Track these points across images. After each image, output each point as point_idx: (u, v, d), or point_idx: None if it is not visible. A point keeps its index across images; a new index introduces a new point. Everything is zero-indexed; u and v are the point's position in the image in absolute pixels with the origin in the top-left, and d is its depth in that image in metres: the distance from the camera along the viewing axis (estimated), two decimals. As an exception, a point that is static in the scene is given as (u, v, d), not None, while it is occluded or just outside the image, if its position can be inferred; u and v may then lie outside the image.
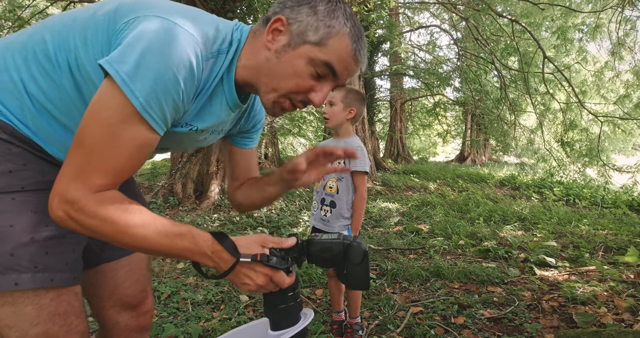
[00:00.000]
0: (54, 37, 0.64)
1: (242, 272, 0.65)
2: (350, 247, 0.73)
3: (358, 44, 0.67)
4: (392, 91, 13.93)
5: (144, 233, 0.58)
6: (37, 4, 7.17)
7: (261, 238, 0.69)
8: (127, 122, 0.56)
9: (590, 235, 3.78)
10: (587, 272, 2.74)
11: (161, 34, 0.56)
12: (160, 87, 0.56)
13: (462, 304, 2.18)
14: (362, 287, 0.76)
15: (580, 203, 5.84)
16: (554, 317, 2.01)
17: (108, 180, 0.58)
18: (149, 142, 0.60)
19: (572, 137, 7.73)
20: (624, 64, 7.80)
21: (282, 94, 0.68)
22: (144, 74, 0.54)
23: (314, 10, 0.65)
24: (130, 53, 0.55)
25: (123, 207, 0.58)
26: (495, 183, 8.15)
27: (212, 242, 0.63)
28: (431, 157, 22.00)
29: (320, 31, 0.64)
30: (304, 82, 0.67)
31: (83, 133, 0.57)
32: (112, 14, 0.62)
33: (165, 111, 0.59)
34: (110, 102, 0.56)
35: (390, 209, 5.32)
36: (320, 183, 1.85)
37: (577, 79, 10.22)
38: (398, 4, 10.62)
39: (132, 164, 0.60)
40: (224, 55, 0.67)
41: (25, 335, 0.64)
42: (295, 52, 0.65)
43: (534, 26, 8.43)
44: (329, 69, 0.66)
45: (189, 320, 2.03)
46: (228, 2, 5.48)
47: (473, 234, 3.81)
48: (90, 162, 0.56)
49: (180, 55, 0.57)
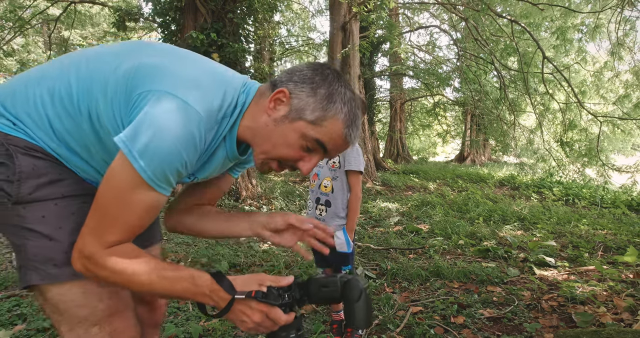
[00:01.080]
0: (79, 83, 0.72)
1: (239, 310, 0.69)
2: (348, 284, 0.72)
3: (350, 129, 0.72)
4: (391, 91, 13.93)
5: (148, 279, 0.67)
6: (37, 5, 7.17)
7: (259, 277, 0.73)
8: (137, 190, 0.65)
9: (590, 235, 3.79)
10: (587, 271, 2.74)
11: (170, 115, 0.63)
12: (166, 164, 0.64)
13: (461, 304, 2.19)
14: (361, 325, 0.74)
15: (580, 203, 5.85)
16: (553, 316, 2.02)
17: (120, 237, 0.67)
18: (157, 203, 0.68)
19: (571, 137, 7.73)
20: (624, 64, 7.82)
21: (271, 158, 0.74)
22: (152, 152, 0.62)
23: (314, 92, 0.71)
24: (142, 133, 0.62)
25: (131, 258, 0.67)
26: (494, 183, 8.16)
27: (211, 282, 0.68)
28: (431, 157, 22.02)
29: (316, 112, 0.70)
30: (294, 153, 0.73)
31: (99, 197, 0.66)
32: (132, 76, 0.68)
33: (171, 179, 0.67)
34: (122, 173, 0.64)
35: (390, 209, 5.33)
36: (315, 182, 1.85)
37: (576, 79, 10.23)
38: (398, 4, 10.62)
39: (142, 221, 0.69)
40: (227, 119, 0.74)
41: (94, 310, 0.75)
42: (291, 125, 0.71)
43: (533, 26, 8.44)
44: (320, 145, 0.72)
45: (189, 319, 2.03)
46: (228, 2, 5.48)
47: (472, 234, 3.82)
48: (104, 222, 0.66)
49: (187, 136, 0.64)
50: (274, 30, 10.47)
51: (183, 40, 5.73)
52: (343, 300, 0.74)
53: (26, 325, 1.94)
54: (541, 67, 7.01)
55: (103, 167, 0.77)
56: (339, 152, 0.76)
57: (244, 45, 5.87)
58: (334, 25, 7.49)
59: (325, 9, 13.63)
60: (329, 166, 1.82)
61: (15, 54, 11.92)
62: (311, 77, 0.72)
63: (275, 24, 11.00)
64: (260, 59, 8.08)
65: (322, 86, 0.71)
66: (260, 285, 0.70)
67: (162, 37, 6.36)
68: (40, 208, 0.72)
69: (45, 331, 1.88)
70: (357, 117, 0.73)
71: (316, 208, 1.82)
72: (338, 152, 0.77)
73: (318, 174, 1.85)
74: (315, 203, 1.83)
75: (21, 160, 0.70)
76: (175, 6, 5.72)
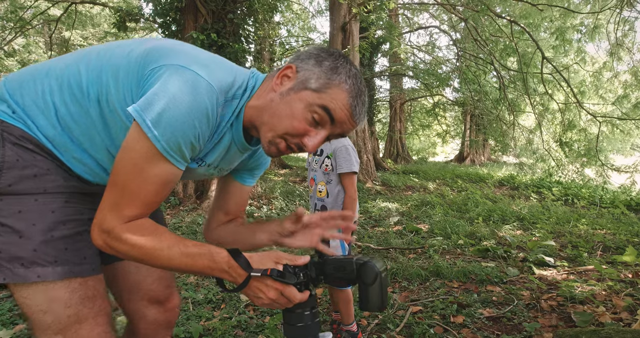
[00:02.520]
0: (89, 72, 0.73)
1: (255, 286, 0.70)
2: (364, 266, 0.72)
3: (355, 100, 0.71)
4: (391, 91, 13.95)
5: (168, 255, 0.66)
6: (38, 5, 7.18)
7: (275, 254, 0.72)
8: (152, 162, 0.65)
9: (589, 234, 3.80)
10: (586, 271, 2.75)
11: (182, 85, 0.64)
12: (180, 133, 0.64)
13: (461, 303, 2.20)
14: (376, 308, 0.73)
15: (579, 203, 5.86)
16: (552, 316, 2.02)
17: (138, 211, 0.67)
18: (172, 177, 0.69)
19: (570, 137, 7.75)
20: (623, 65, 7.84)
21: (278, 134, 0.73)
22: (166, 122, 0.62)
23: (319, 63, 0.72)
24: (155, 102, 0.63)
25: (150, 233, 0.67)
26: (494, 183, 8.17)
27: (228, 258, 0.69)
28: (430, 157, 22.02)
29: (320, 80, 0.70)
30: (299, 124, 0.71)
31: (116, 172, 0.66)
32: (143, 58, 0.70)
33: (184, 151, 0.67)
34: (137, 145, 0.64)
35: (390, 209, 5.34)
36: (313, 187, 1.82)
37: (575, 80, 10.24)
38: (397, 5, 10.64)
39: (158, 196, 0.69)
40: (237, 100, 0.74)
41: (59, 317, 0.72)
42: (296, 95, 0.71)
43: (532, 27, 8.46)
44: (326, 112, 0.70)
45: (189, 319, 2.04)
46: (228, 3, 5.49)
47: (472, 234, 3.83)
48: (122, 196, 0.65)
49: (199, 106, 0.65)
50: (274, 31, 10.47)
51: (183, 40, 5.73)
52: (358, 282, 0.73)
53: (27, 324, 1.95)
54: (540, 68, 7.03)
55: (104, 158, 0.77)
56: (346, 127, 0.73)
57: (244, 46, 5.89)
58: (333, 25, 7.50)
59: (325, 10, 13.64)
60: (322, 170, 1.78)
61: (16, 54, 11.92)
62: (317, 53, 0.73)
63: (276, 24, 11.00)
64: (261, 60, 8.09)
65: (327, 59, 0.72)
66: (277, 263, 0.70)
67: (162, 37, 6.36)
68: (18, 202, 0.69)
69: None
70: (362, 92, 0.72)
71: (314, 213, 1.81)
72: (345, 128, 0.73)
73: (314, 179, 1.82)
74: (313, 209, 1.82)
75: (7, 150, 0.69)
76: (176, 7, 5.73)
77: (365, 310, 0.74)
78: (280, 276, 0.68)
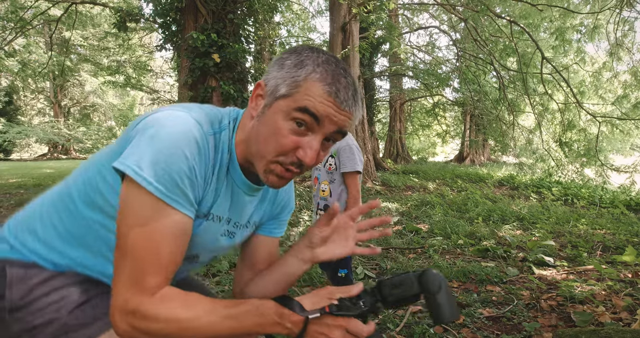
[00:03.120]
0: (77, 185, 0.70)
1: (315, 331, 0.61)
2: (424, 276, 0.66)
3: (333, 86, 0.61)
4: (391, 92, 13.96)
5: (209, 322, 0.58)
6: (39, 5, 7.18)
7: (326, 291, 0.65)
8: (154, 213, 0.57)
9: (588, 234, 3.80)
10: (585, 271, 2.75)
11: (163, 121, 0.59)
12: (171, 167, 0.57)
13: (461, 303, 2.20)
14: (451, 316, 0.65)
15: (579, 203, 5.87)
16: (552, 315, 2.02)
17: (160, 279, 0.58)
18: (182, 226, 0.60)
19: (570, 137, 7.76)
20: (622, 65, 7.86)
21: (270, 160, 0.64)
22: (152, 159, 0.56)
23: (282, 66, 0.64)
24: (136, 147, 0.57)
25: (182, 302, 0.58)
26: (494, 183, 8.18)
27: (277, 307, 0.61)
28: (430, 157, 22.04)
29: (287, 82, 0.62)
30: (285, 139, 0.62)
31: (120, 241, 0.58)
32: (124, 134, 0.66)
33: (184, 189, 0.59)
34: (131, 200, 0.57)
35: (390, 209, 5.34)
36: (316, 186, 1.80)
37: (575, 80, 10.25)
38: (397, 5, 10.65)
39: (174, 255, 0.60)
40: (226, 131, 0.68)
41: None
42: (271, 110, 0.63)
43: (532, 27, 8.46)
44: (306, 113, 0.61)
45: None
46: (229, 3, 5.50)
47: (472, 234, 3.83)
48: (136, 266, 0.57)
49: (185, 134, 0.59)
50: (274, 31, 10.47)
51: (184, 40, 5.75)
52: (423, 294, 0.66)
53: None
54: (540, 68, 7.04)
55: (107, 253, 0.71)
56: (337, 119, 0.62)
57: (244, 46, 5.89)
58: (333, 26, 7.51)
59: (325, 10, 13.65)
60: (326, 169, 1.76)
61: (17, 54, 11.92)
62: (280, 57, 0.66)
63: (276, 24, 11.02)
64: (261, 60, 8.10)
65: (289, 58, 0.64)
66: (330, 298, 0.63)
67: (162, 38, 6.37)
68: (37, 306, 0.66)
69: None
70: (338, 74, 0.62)
71: (316, 213, 1.79)
72: (338, 120, 0.63)
73: (318, 178, 1.81)
74: (317, 209, 1.79)
75: (13, 270, 0.67)
76: (176, 7, 5.74)
77: (440, 322, 0.67)
78: (341, 309, 0.61)
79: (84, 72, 20.13)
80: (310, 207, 5.07)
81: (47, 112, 22.09)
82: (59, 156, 20.64)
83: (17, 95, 20.88)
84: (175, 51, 6.61)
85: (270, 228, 0.87)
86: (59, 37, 17.16)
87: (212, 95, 5.71)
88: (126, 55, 12.17)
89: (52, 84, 20.25)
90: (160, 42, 6.50)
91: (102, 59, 15.50)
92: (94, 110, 23.34)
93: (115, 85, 9.58)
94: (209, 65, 5.48)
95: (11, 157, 20.41)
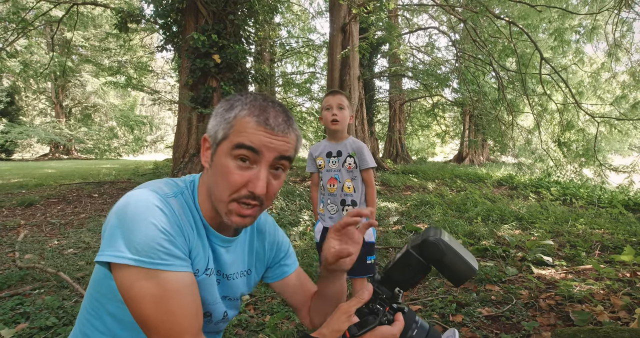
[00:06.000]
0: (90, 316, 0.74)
1: None
2: (422, 247, 0.64)
3: (262, 116, 0.66)
4: (391, 92, 13.99)
5: None
6: (40, 6, 7.19)
7: (341, 310, 0.65)
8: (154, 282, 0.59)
9: (587, 234, 3.82)
10: (584, 270, 2.77)
11: (123, 204, 0.62)
12: (146, 239, 0.59)
13: (460, 302, 2.21)
14: (467, 275, 0.63)
15: (577, 202, 5.89)
16: (551, 315, 2.03)
17: (190, 336, 0.61)
18: (184, 282, 0.62)
19: (569, 137, 7.79)
20: (621, 65, 7.85)
21: (227, 201, 0.67)
22: (126, 239, 0.59)
23: (216, 115, 0.70)
24: (111, 234, 0.60)
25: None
26: (493, 183, 8.20)
27: None
28: (430, 157, 22.05)
29: (222, 125, 0.68)
30: (233, 176, 0.66)
31: (141, 324, 0.61)
32: None
33: (168, 251, 0.62)
34: (130, 284, 0.59)
35: (390, 208, 5.36)
36: (336, 185, 1.92)
37: (573, 80, 10.28)
38: (397, 6, 10.67)
39: (192, 309, 0.63)
40: (186, 192, 0.73)
41: None
42: (217, 155, 0.68)
43: (531, 28, 8.49)
44: (245, 148, 0.65)
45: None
46: (229, 4, 5.51)
47: (471, 233, 3.85)
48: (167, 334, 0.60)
49: (145, 206, 0.62)
50: (275, 32, 10.50)
51: (184, 41, 5.77)
52: (432, 264, 0.65)
53: (29, 323, 1.96)
54: (539, 68, 7.07)
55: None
56: (276, 145, 0.66)
57: (244, 47, 5.91)
58: (333, 26, 7.53)
59: (325, 11, 13.67)
60: (346, 168, 1.91)
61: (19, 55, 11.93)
62: (215, 109, 0.72)
63: (276, 25, 11.03)
64: (261, 60, 8.11)
65: (221, 106, 0.70)
66: (348, 315, 0.63)
67: (163, 38, 6.39)
68: None
69: (48, 329, 1.90)
70: (265, 106, 0.67)
71: (343, 210, 1.90)
72: (273, 147, 0.66)
73: (337, 178, 1.93)
74: (341, 206, 1.91)
75: None
76: (177, 8, 5.75)
77: (460, 284, 0.64)
78: (361, 327, 0.61)
79: (85, 72, 20.15)
80: (310, 207, 5.09)
81: (49, 112, 22.11)
82: (60, 156, 20.65)
83: (19, 95, 20.90)
84: (176, 52, 6.63)
85: (283, 269, 0.91)
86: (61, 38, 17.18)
87: (213, 95, 5.72)
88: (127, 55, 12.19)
89: (54, 85, 20.26)
90: (161, 42, 6.52)
91: (104, 59, 15.50)
92: (95, 111, 23.36)
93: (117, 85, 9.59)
94: (210, 65, 5.49)
95: (13, 157, 20.41)
